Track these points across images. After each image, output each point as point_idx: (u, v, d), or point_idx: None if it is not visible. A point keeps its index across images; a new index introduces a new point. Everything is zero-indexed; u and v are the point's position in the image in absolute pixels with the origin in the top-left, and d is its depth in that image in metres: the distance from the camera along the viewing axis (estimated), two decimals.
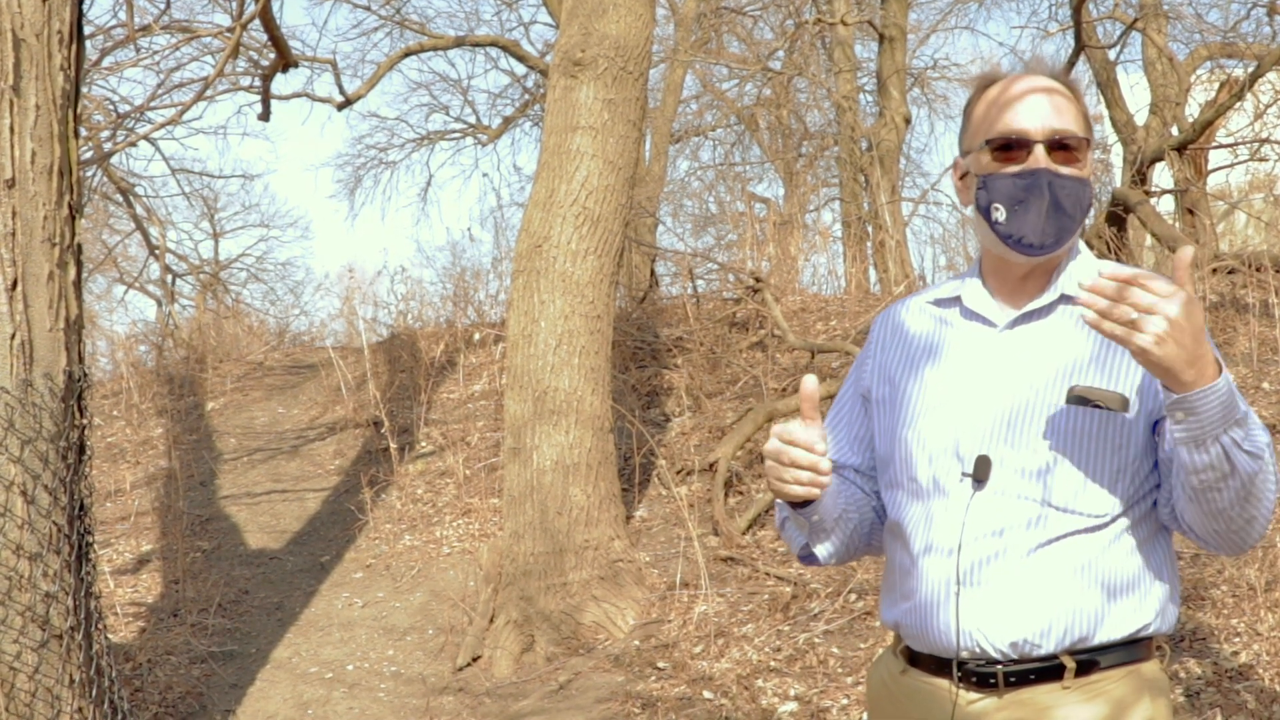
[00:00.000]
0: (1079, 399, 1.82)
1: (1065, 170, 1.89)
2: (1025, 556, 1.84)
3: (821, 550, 2.05)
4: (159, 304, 20.14)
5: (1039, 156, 1.88)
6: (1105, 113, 13.88)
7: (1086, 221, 1.95)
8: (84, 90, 4.51)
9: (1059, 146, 1.89)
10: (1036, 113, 1.90)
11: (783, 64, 16.84)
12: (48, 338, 4.03)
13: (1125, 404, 1.82)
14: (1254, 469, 1.70)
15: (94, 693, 4.14)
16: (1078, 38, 10.48)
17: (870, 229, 14.64)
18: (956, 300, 2.04)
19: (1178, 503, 1.80)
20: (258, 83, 10.60)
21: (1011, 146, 1.90)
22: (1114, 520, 1.85)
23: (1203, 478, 1.71)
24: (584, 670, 5.66)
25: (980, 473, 1.87)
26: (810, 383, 1.84)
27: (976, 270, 2.04)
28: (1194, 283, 1.65)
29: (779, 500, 2.06)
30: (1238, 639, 4.53)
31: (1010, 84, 1.96)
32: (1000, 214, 1.90)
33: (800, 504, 1.94)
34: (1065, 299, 1.93)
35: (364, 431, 9.63)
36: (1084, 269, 1.95)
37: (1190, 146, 9.87)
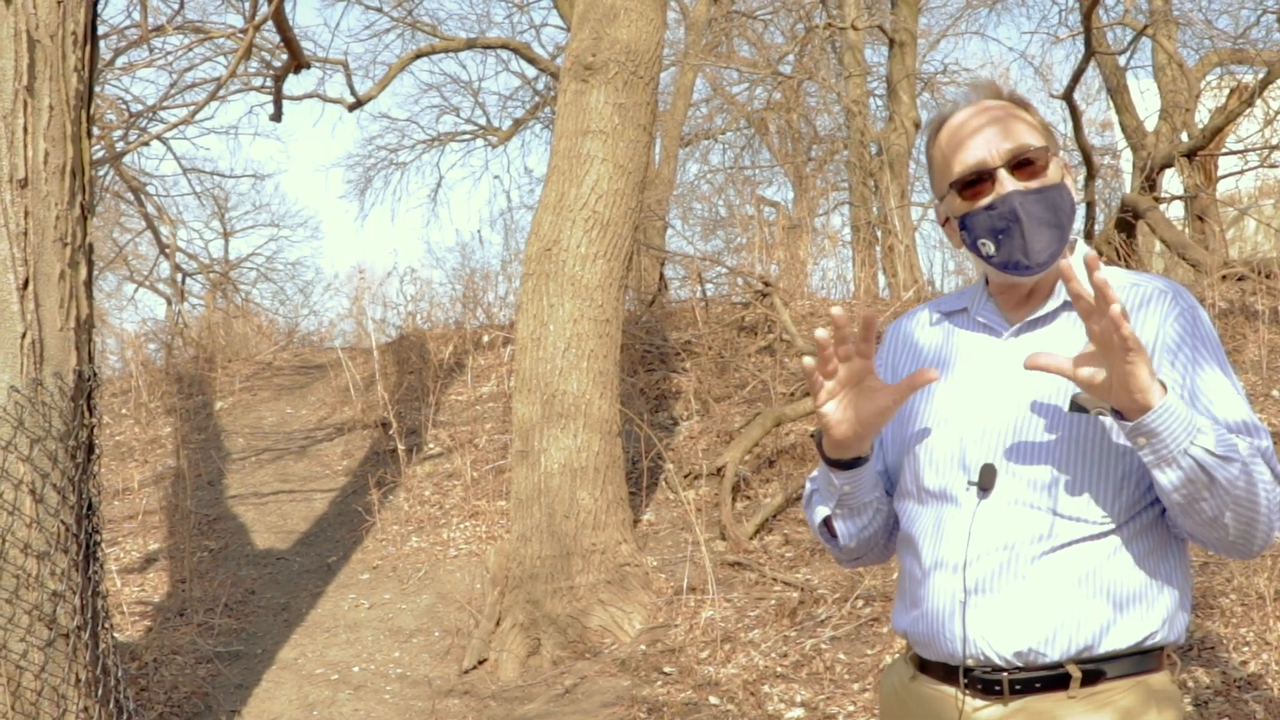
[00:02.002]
0: (1081, 407, 1.83)
1: (1035, 184, 1.90)
2: (1032, 565, 1.84)
3: (842, 528, 2.06)
4: (169, 303, 20.18)
5: (1004, 181, 1.89)
6: (1115, 118, 13.87)
7: (1077, 224, 1.96)
8: (97, 90, 4.52)
9: (1020, 164, 1.90)
10: (987, 139, 1.91)
11: (793, 68, 16.85)
12: (58, 337, 4.04)
13: None
14: (1231, 473, 1.71)
15: (100, 692, 4.15)
16: (1088, 43, 10.45)
17: (879, 233, 14.66)
18: (964, 311, 2.05)
19: (1174, 517, 1.81)
20: (270, 83, 10.62)
21: (975, 182, 1.92)
22: (1120, 527, 1.84)
23: (1183, 494, 1.73)
24: (590, 674, 5.65)
25: (986, 481, 1.88)
26: (822, 333, 1.84)
27: (984, 284, 2.05)
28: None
29: (811, 476, 2.10)
30: (1246, 648, 4.52)
31: (956, 120, 1.97)
32: (988, 248, 1.92)
33: (841, 465, 1.97)
34: (1068, 305, 1.93)
35: (372, 432, 9.64)
36: (1083, 269, 1.96)
37: (1200, 152, 9.87)
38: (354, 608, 6.87)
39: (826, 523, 2.09)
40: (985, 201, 1.91)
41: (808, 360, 1.84)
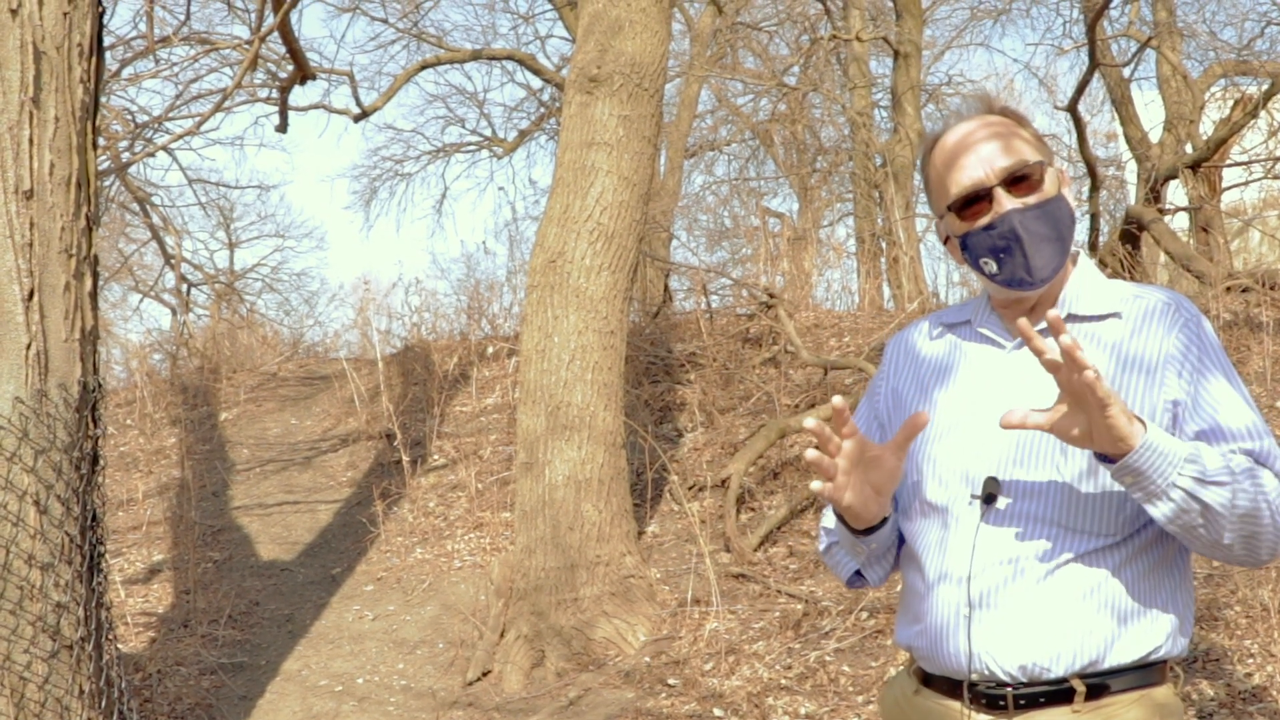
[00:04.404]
0: None
1: (1033, 199, 1.89)
2: (1036, 579, 1.83)
3: (873, 574, 2.09)
4: (174, 313, 20.21)
5: (1001, 200, 1.89)
6: (1120, 130, 13.87)
7: (1081, 235, 1.95)
8: (103, 101, 4.53)
9: (1016, 180, 1.89)
10: (981, 157, 1.90)
11: (798, 79, 16.87)
12: (63, 348, 4.04)
13: None
14: (1224, 498, 1.71)
15: (103, 703, 4.15)
16: (1092, 55, 10.46)
17: (884, 245, 14.64)
18: (967, 323, 2.05)
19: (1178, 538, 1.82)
20: (275, 94, 10.66)
21: (973, 201, 1.91)
22: (1125, 541, 1.84)
23: (1178, 524, 1.74)
24: (594, 686, 5.65)
25: (989, 495, 1.87)
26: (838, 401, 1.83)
27: (987, 296, 2.05)
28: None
29: (825, 527, 2.12)
30: (1251, 660, 4.50)
31: (949, 139, 1.96)
32: (991, 266, 1.92)
33: (863, 530, 1.97)
34: (1072, 317, 1.93)
35: (377, 444, 9.64)
36: (1086, 280, 1.96)
37: (1204, 164, 9.86)
38: (358, 619, 6.87)
39: (858, 571, 2.11)
40: (984, 221, 1.90)
41: (811, 453, 1.83)
